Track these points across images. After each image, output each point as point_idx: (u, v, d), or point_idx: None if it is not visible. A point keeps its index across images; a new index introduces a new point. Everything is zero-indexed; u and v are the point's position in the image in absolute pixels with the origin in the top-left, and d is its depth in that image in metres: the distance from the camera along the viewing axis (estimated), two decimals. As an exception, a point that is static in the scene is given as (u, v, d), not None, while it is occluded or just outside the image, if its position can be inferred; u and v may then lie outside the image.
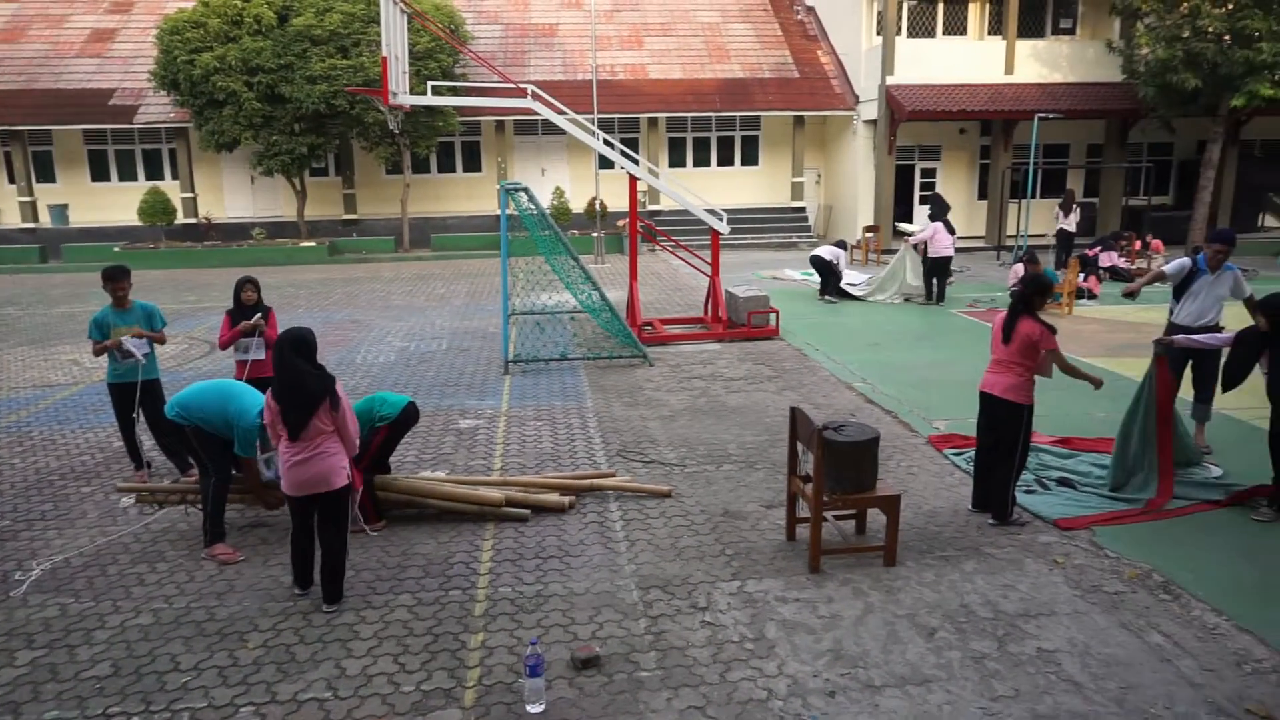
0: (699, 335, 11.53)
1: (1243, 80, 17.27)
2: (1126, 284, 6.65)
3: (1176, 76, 17.71)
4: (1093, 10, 21.69)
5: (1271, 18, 16.79)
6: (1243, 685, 3.96)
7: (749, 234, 22.94)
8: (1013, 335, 5.43)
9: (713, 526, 5.68)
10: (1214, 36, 17.41)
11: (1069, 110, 19.96)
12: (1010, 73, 21.00)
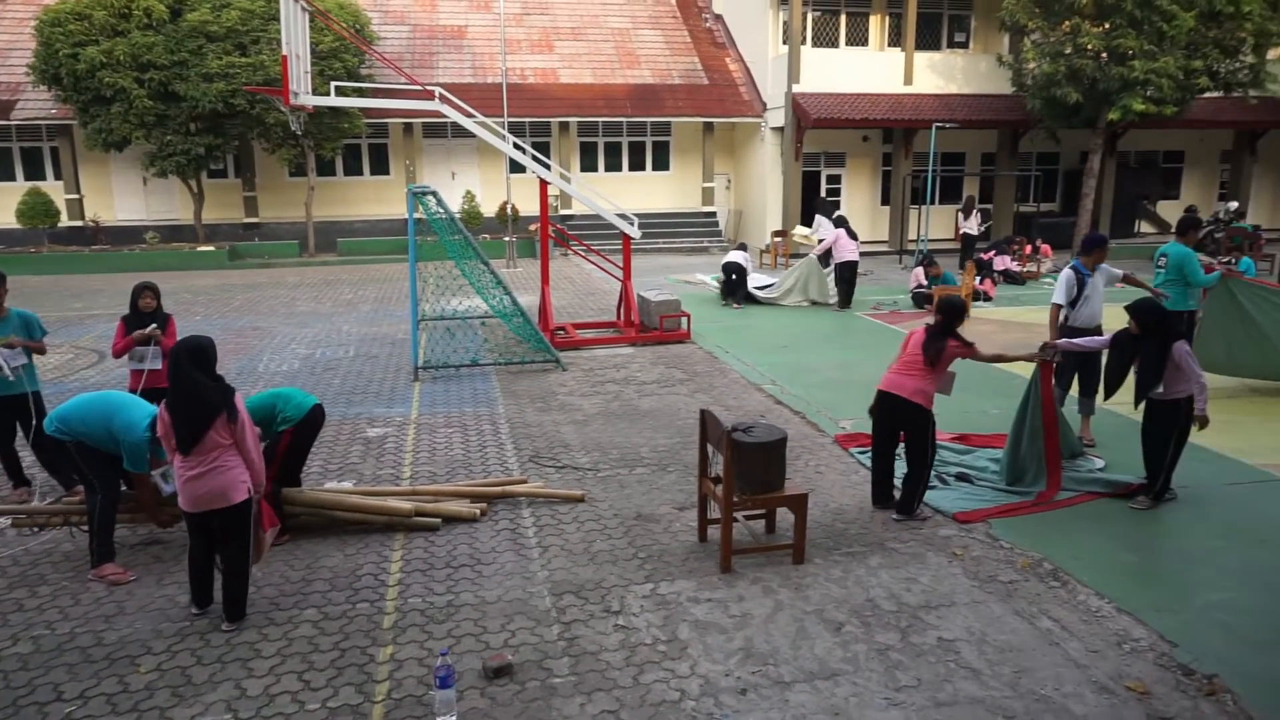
0: (612, 339, 11.56)
1: (1118, 95, 18.34)
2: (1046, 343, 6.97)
3: (1060, 90, 18.69)
4: (984, 26, 22.71)
5: (1143, 38, 17.90)
6: (1122, 664, 4.20)
7: (661, 238, 23.12)
8: (939, 358, 5.66)
9: (626, 530, 5.71)
10: (1093, 54, 18.46)
11: (964, 120, 20.84)
12: (909, 83, 21.78)
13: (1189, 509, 6.00)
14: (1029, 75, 19.86)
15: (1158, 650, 4.31)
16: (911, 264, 17.01)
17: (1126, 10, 17.74)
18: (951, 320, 5.78)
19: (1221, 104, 21.79)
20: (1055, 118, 19.84)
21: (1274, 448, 7.21)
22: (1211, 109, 21.85)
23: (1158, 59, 17.87)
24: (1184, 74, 18.24)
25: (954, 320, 5.79)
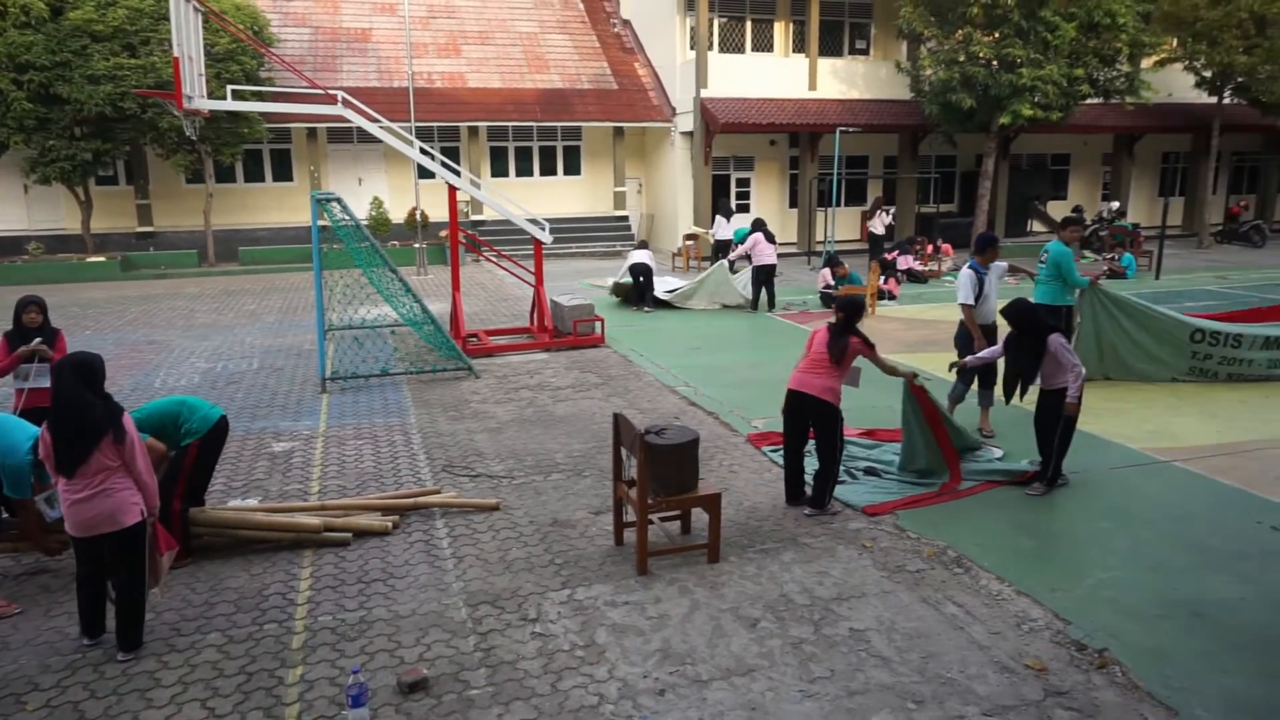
0: (525, 345, 11.48)
1: (1009, 101, 19.19)
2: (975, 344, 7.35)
3: (955, 96, 19.45)
4: (884, 33, 23.45)
5: (1029, 47, 18.78)
6: (1021, 644, 4.39)
7: (573, 243, 23.09)
8: (844, 354, 5.80)
9: (542, 537, 5.68)
10: (984, 62, 19.27)
11: (866, 124, 21.47)
12: (814, 89, 22.32)
13: (1079, 493, 6.32)
14: (926, 81, 20.59)
15: (1053, 629, 4.53)
16: (819, 265, 17.43)
17: (1014, 21, 18.59)
18: (852, 317, 5.94)
19: (1102, 110, 23.03)
20: (951, 122, 20.62)
21: (1154, 432, 7.66)
22: (1093, 114, 23.07)
23: (1043, 67, 18.78)
24: (1067, 81, 19.21)
25: (855, 317, 5.95)
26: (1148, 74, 21.48)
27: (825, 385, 5.82)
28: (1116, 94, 20.68)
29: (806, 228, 22.43)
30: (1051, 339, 6.10)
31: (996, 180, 22.34)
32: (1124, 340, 9.08)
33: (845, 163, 22.75)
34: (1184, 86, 23.38)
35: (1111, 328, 9.02)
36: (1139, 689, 4.01)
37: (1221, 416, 8.11)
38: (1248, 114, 23.32)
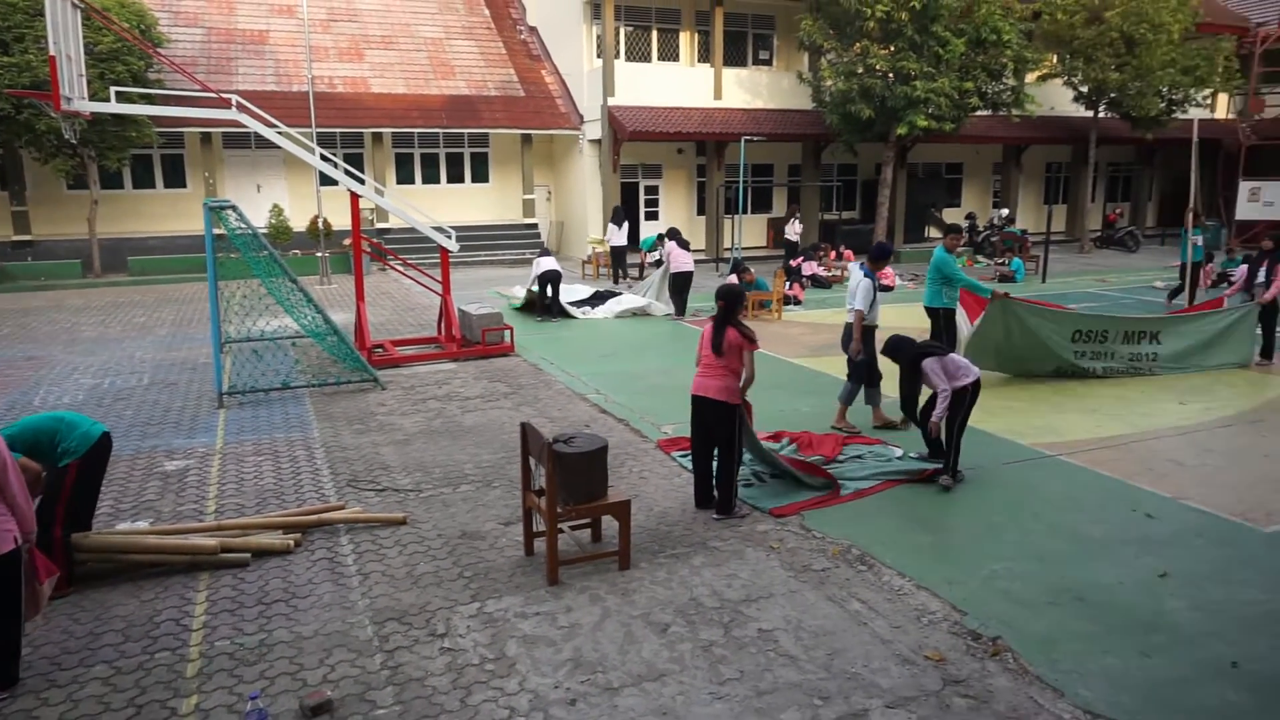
0: (433, 355, 11.30)
1: (905, 112, 19.94)
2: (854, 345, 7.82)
3: (854, 107, 20.10)
4: (786, 45, 24.04)
5: (923, 61, 19.57)
6: (922, 636, 4.55)
7: (482, 251, 22.86)
8: (723, 345, 5.87)
9: (450, 550, 5.59)
10: (881, 74, 19.97)
11: (770, 134, 21.96)
12: (719, 98, 22.70)
13: (974, 489, 6.59)
14: (827, 92, 21.21)
15: (951, 620, 4.71)
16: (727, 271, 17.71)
17: (908, 35, 19.34)
18: (731, 306, 5.96)
19: (991, 121, 24.16)
20: (851, 132, 21.28)
21: (1041, 428, 8.06)
22: (983, 126, 24.17)
23: (936, 80, 19.59)
24: (958, 94, 20.09)
25: (733, 306, 5.98)
26: (1031, 88, 22.66)
27: (720, 386, 5.89)
28: (1004, 106, 21.73)
29: (714, 235, 22.77)
30: (924, 364, 6.57)
31: (895, 188, 23.15)
32: (1016, 342, 9.52)
33: (751, 171, 23.20)
34: (1064, 101, 24.77)
35: (1008, 334, 9.44)
36: (1029, 673, 4.21)
37: (1101, 412, 8.60)
38: (1121, 127, 24.83)
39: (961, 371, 6.58)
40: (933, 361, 6.57)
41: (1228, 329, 10.32)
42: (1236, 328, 10.34)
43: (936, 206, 26.61)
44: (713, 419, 5.95)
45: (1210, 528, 5.87)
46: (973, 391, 6.59)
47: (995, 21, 19.81)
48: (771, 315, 14.41)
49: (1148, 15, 21.34)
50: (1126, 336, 9.90)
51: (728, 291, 6.08)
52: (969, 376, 6.57)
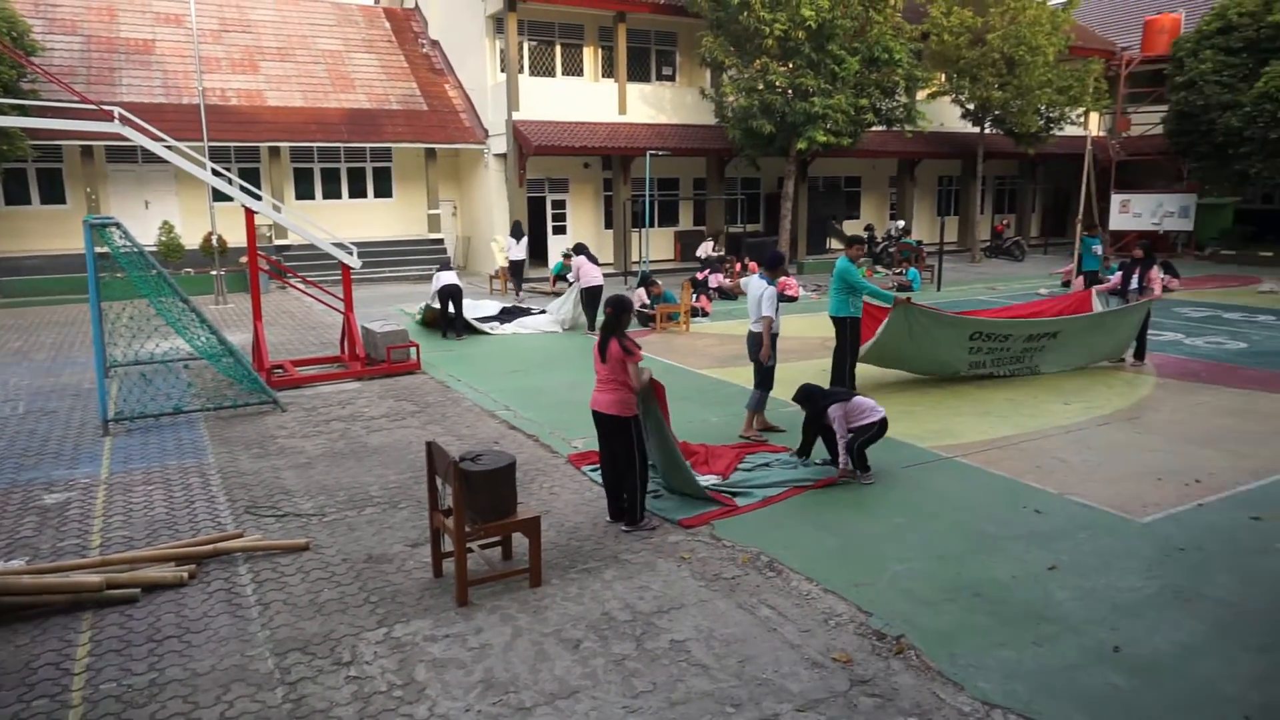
0: (336, 375, 10.98)
1: (804, 127, 20.51)
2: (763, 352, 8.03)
3: (755, 122, 20.56)
4: (688, 61, 24.42)
5: (820, 78, 20.19)
6: (829, 639, 4.66)
7: (387, 267, 22.40)
8: (606, 355, 5.89)
9: (356, 574, 5.44)
10: (781, 90, 20.50)
11: (675, 148, 22.25)
12: (624, 113, 22.88)
13: (877, 492, 6.80)
14: (729, 108, 21.63)
15: (857, 621, 4.83)
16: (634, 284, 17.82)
17: (805, 53, 19.91)
18: (618, 315, 6.00)
19: (886, 137, 25.08)
20: (754, 146, 21.75)
21: (939, 431, 8.38)
22: (879, 141, 25.08)
23: (833, 97, 20.22)
24: (854, 110, 20.79)
25: (620, 315, 6.02)
26: (922, 105, 23.62)
27: (612, 399, 5.91)
28: (897, 122, 22.59)
29: (622, 248, 22.89)
30: (830, 411, 6.91)
31: (797, 201, 23.75)
32: (918, 346, 9.86)
33: (657, 185, 23.45)
34: (953, 118, 25.93)
35: (910, 338, 9.77)
36: (931, 669, 4.35)
37: (994, 414, 8.99)
38: (1005, 143, 26.13)
39: (865, 414, 6.92)
40: (837, 409, 6.90)
41: (1118, 325, 10.93)
42: (1128, 322, 10.95)
43: (837, 219, 27.41)
44: (608, 432, 5.98)
45: (1093, 520, 6.20)
46: (878, 429, 6.94)
47: (887, 41, 20.61)
48: (680, 327, 14.57)
49: (1025, 38, 22.57)
50: (1029, 338, 10.37)
51: (615, 301, 6.11)
52: (873, 416, 6.92)
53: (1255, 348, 12.49)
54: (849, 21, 20.04)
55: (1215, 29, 23.78)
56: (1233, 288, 19.42)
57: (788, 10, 19.28)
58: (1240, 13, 23.29)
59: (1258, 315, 15.49)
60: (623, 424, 5.90)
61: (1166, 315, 15.06)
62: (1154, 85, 28.12)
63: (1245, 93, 22.62)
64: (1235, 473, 7.14)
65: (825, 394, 7.20)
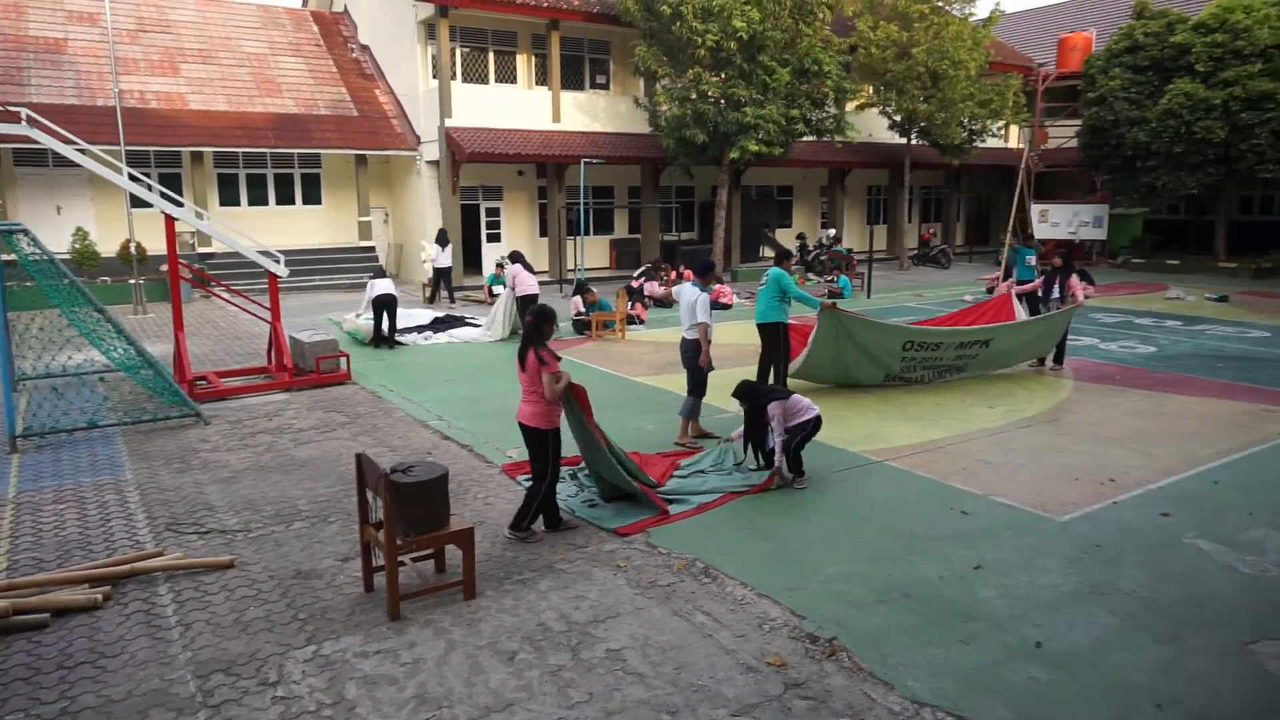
0: (262, 386, 10.68)
1: (736, 137, 20.78)
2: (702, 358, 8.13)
3: (689, 131, 20.74)
4: (622, 70, 24.52)
5: (752, 88, 20.49)
6: (764, 643, 4.71)
7: (317, 275, 21.91)
8: (526, 365, 5.88)
9: (284, 591, 5.29)
10: (713, 100, 20.74)
11: (609, 156, 22.30)
12: (558, 121, 22.84)
13: (810, 496, 6.90)
14: (662, 117, 21.77)
15: (790, 625, 4.89)
16: (570, 292, 17.79)
17: (737, 64, 20.19)
18: (539, 324, 6.00)
19: (816, 147, 25.56)
20: (687, 155, 21.93)
21: (869, 436, 8.55)
22: (810, 151, 25.54)
23: (765, 107, 20.54)
24: (785, 120, 21.14)
25: (541, 325, 6.02)
26: (852, 116, 24.18)
27: (532, 411, 5.91)
28: (827, 133, 23.05)
29: (557, 256, 22.82)
30: (769, 409, 6.98)
31: (730, 210, 24.03)
32: (850, 353, 10.07)
33: (592, 193, 23.47)
34: (881, 129, 26.57)
35: (841, 344, 9.97)
36: (862, 670, 4.43)
37: (922, 419, 9.22)
38: (931, 154, 26.89)
39: (802, 412, 7.03)
40: (776, 406, 6.98)
41: (1047, 330, 11.32)
42: (1055, 328, 11.34)
43: (770, 227, 27.80)
44: (526, 441, 5.98)
45: (1016, 520, 6.40)
46: (813, 427, 7.06)
47: (816, 53, 21.03)
48: (615, 335, 14.59)
49: (948, 53, 23.28)
50: (961, 346, 10.65)
51: (537, 311, 6.11)
52: (809, 414, 7.04)
53: (1163, 352, 13.09)
54: (779, 33, 20.39)
55: (1123, 48, 24.90)
56: (1143, 294, 20.32)
57: (719, 21, 19.53)
58: (1146, 33, 24.45)
59: (1165, 321, 16.23)
60: (536, 435, 5.89)
61: (1083, 321, 15.66)
62: (1068, 100, 29.30)
63: (1151, 109, 23.72)
64: (1146, 471, 7.46)
65: (766, 391, 7.29)
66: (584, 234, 20.72)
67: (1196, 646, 4.64)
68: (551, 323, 6.12)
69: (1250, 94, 22.27)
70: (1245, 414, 9.33)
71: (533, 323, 6.00)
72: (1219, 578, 5.45)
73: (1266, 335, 14.21)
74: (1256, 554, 5.79)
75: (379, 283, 13.43)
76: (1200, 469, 7.52)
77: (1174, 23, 24.12)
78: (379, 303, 13.38)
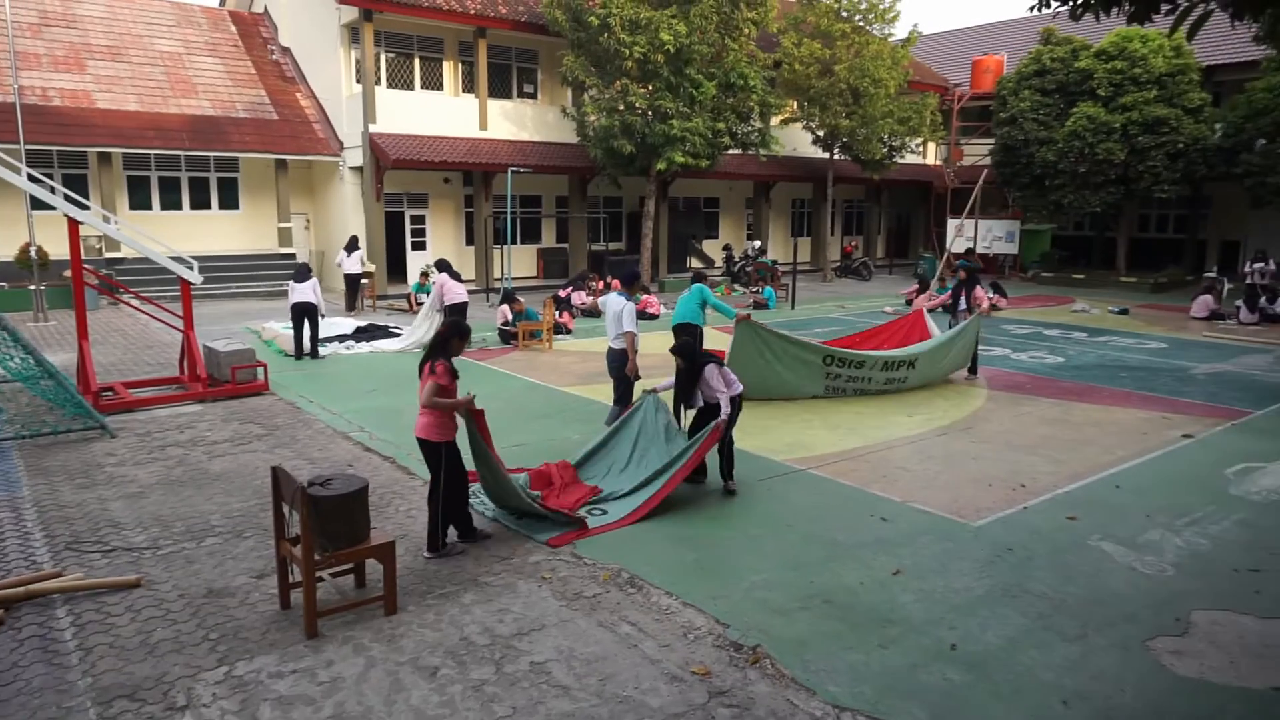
0: (174, 397, 10.28)
1: (663, 148, 20.95)
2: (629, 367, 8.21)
3: (616, 142, 20.82)
4: (550, 79, 24.49)
5: (679, 100, 20.71)
6: (689, 652, 4.73)
7: (234, 283, 21.23)
8: (423, 377, 5.80)
9: (194, 611, 5.09)
10: (641, 111, 20.87)
11: (537, 166, 22.22)
12: (485, 129, 22.67)
13: (735, 504, 6.98)
14: (590, 127, 21.81)
15: (715, 633, 4.93)
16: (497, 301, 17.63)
17: (664, 77, 20.37)
18: (447, 339, 5.92)
19: (742, 160, 25.94)
20: (615, 166, 22.01)
21: (792, 444, 8.70)
22: (736, 163, 25.91)
23: (691, 119, 20.76)
24: (712, 133, 21.41)
25: (451, 338, 5.94)
26: (776, 130, 24.62)
27: (425, 423, 5.83)
28: (752, 146, 23.42)
29: (484, 265, 22.61)
30: (706, 369, 6.97)
31: (658, 220, 24.19)
32: (771, 366, 10.24)
33: (519, 202, 23.32)
34: (804, 143, 27.14)
35: (761, 356, 10.13)
36: (785, 677, 4.49)
37: (843, 428, 9.42)
38: (853, 168, 27.58)
39: (734, 383, 7.12)
40: (713, 369, 7.02)
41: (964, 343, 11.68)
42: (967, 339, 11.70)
43: (697, 238, 28.09)
44: (423, 454, 5.90)
45: (933, 526, 6.58)
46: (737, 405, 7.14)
47: (742, 68, 21.38)
48: (542, 345, 14.51)
49: (869, 71, 23.96)
50: (885, 366, 10.91)
51: (452, 323, 6.08)
52: (738, 388, 7.13)
53: (1070, 362, 13.67)
54: (706, 48, 20.65)
55: (1032, 71, 26.01)
56: (1051, 307, 21.19)
57: (647, 34, 19.69)
58: (1052, 58, 25.60)
59: (1072, 332, 16.96)
60: (432, 448, 5.81)
61: (995, 333, 16.25)
62: (982, 120, 30.44)
63: (1058, 130, 24.81)
64: (1054, 477, 7.77)
65: (703, 354, 7.34)
66: (511, 243, 20.55)
67: (1100, 644, 4.85)
68: (463, 339, 6.04)
69: (1146, 118, 23.54)
70: (1145, 421, 9.80)
71: (443, 334, 5.92)
72: (1121, 577, 5.71)
73: (1163, 347, 14.97)
74: (1154, 554, 6.08)
75: (299, 287, 12.83)
76: (1103, 474, 7.87)
77: (1078, 49, 25.31)
78: (297, 310, 12.89)
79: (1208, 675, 4.55)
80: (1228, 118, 23.91)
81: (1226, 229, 27.94)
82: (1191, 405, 10.65)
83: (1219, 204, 27.56)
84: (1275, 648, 4.83)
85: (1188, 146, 23.73)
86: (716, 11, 20.50)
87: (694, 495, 7.10)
